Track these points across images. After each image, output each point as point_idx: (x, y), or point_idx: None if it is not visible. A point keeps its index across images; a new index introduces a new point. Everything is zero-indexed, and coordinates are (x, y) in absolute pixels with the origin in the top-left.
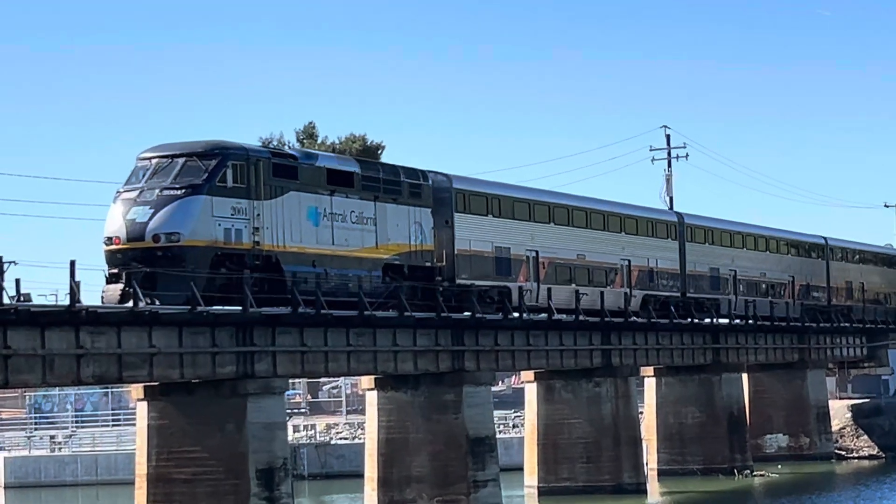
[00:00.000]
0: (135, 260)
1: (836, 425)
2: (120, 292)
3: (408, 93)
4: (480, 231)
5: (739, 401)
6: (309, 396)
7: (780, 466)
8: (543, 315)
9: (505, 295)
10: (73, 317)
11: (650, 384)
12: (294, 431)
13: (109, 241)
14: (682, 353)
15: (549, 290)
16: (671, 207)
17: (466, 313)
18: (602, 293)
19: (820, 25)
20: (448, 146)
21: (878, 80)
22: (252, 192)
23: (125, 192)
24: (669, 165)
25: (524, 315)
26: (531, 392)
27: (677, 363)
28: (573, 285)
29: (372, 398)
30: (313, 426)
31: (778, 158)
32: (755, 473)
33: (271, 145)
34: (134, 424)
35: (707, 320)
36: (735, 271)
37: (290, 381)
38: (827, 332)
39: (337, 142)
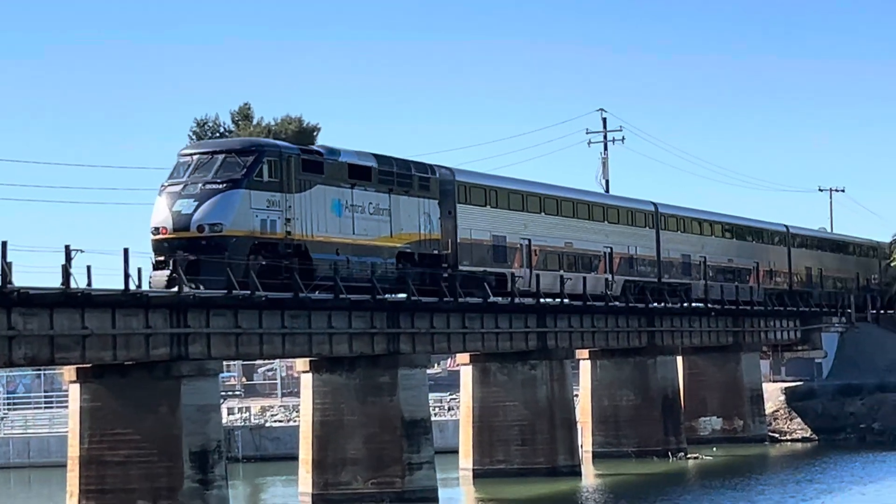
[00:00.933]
0: (180, 248)
1: (769, 408)
2: (167, 278)
3: (345, 75)
4: (480, 221)
5: (674, 383)
6: (244, 379)
7: (714, 449)
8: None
9: (501, 280)
10: (4, 298)
11: (585, 367)
12: (228, 414)
13: (156, 230)
14: (617, 336)
15: (537, 276)
16: (607, 190)
17: (471, 299)
18: (584, 279)
19: (756, 12)
20: (385, 128)
21: (811, 65)
22: (284, 186)
23: (169, 185)
24: (606, 149)
25: (515, 300)
26: (467, 375)
27: (612, 346)
28: (561, 271)
29: (307, 381)
30: (248, 409)
31: (713, 142)
32: (689, 456)
33: (206, 126)
34: (67, 407)
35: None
36: (705, 258)
37: (225, 363)
38: (761, 316)
39: (273, 123)
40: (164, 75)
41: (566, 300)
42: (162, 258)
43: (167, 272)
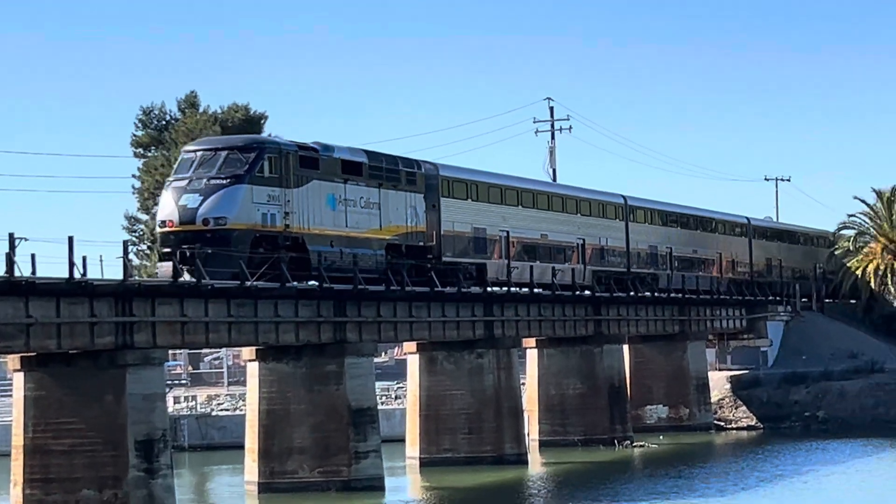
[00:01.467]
0: (186, 241)
1: (715, 396)
2: (172, 269)
3: (293, 63)
4: (462, 214)
5: (620, 372)
6: (190, 367)
7: (661, 437)
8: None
9: (481, 271)
10: None
11: (532, 355)
12: (174, 403)
13: (163, 223)
14: (563, 325)
15: (512, 267)
16: (554, 179)
17: (448, 288)
18: (554, 269)
19: (703, 1)
20: (333, 117)
21: (757, 55)
22: (283, 182)
23: (175, 181)
24: (553, 137)
25: (488, 288)
26: (413, 363)
27: (559, 335)
28: (537, 262)
29: (253, 369)
30: (194, 397)
31: (660, 132)
32: (635, 444)
33: (152, 114)
34: (10, 395)
35: (588, 292)
36: (671, 248)
37: (171, 351)
38: (707, 305)
39: (219, 111)
40: (110, 64)
41: (537, 289)
42: (168, 250)
43: (172, 263)
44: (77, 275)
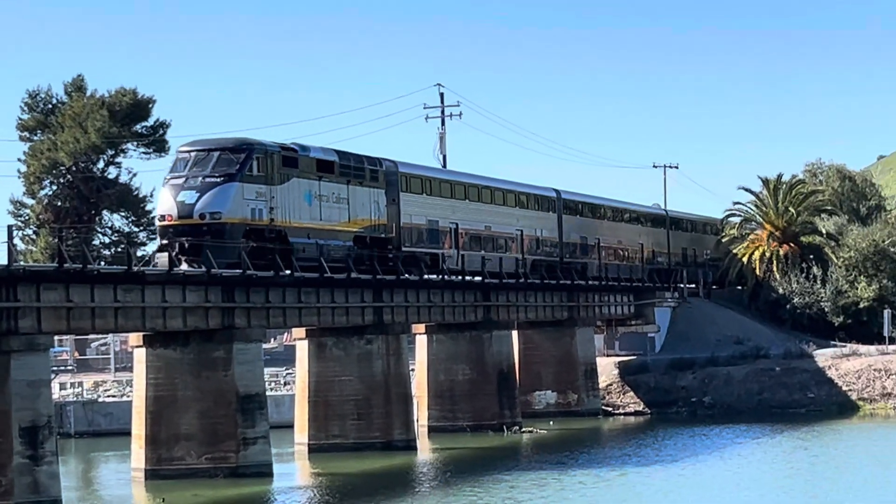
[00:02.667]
0: (184, 234)
1: (603, 382)
2: (170, 259)
3: (181, 48)
4: (418, 207)
5: (509, 358)
6: (76, 353)
7: (552, 423)
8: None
9: (435, 259)
10: None
11: (421, 341)
12: (60, 389)
13: (162, 217)
14: (453, 311)
15: (463, 256)
16: (444, 165)
17: (405, 276)
18: (501, 258)
19: None
20: (223, 101)
21: (647, 44)
22: (268, 179)
23: (172, 178)
24: (443, 124)
25: (444, 277)
26: (303, 349)
27: (448, 320)
28: (482, 252)
29: (140, 355)
30: (80, 384)
31: (551, 118)
32: (524, 430)
33: (38, 98)
34: None
35: (478, 278)
36: (599, 239)
37: (56, 337)
38: (595, 291)
39: (107, 95)
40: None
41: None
42: (166, 242)
43: (173, 253)
44: None
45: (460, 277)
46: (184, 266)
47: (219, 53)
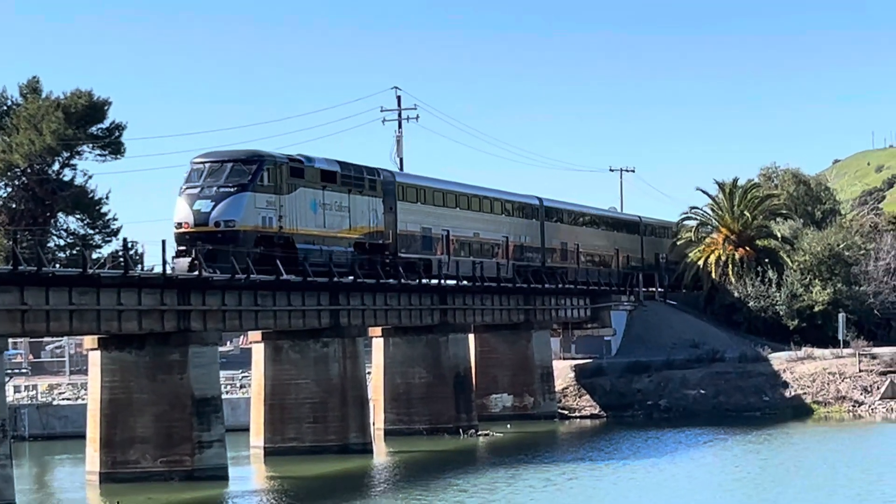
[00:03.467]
0: (199, 240)
1: (559, 385)
2: (188, 264)
3: (137, 50)
4: (413, 215)
5: (466, 361)
6: (31, 356)
7: (509, 426)
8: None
9: (428, 265)
10: None
11: (378, 344)
12: (14, 392)
13: (179, 225)
14: (409, 314)
15: (457, 262)
16: (401, 168)
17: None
18: (473, 262)
19: None
20: (177, 104)
21: (604, 49)
22: (277, 189)
23: (187, 189)
24: (400, 126)
25: (442, 282)
26: (258, 352)
27: (405, 323)
28: (471, 258)
29: (95, 358)
30: (35, 387)
31: (507, 122)
32: (480, 433)
33: None
34: None
35: (434, 281)
36: (578, 245)
37: (11, 340)
38: (551, 294)
39: (62, 97)
40: None
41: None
42: (183, 248)
43: (188, 259)
44: None
45: (417, 281)
46: (205, 272)
47: (176, 56)
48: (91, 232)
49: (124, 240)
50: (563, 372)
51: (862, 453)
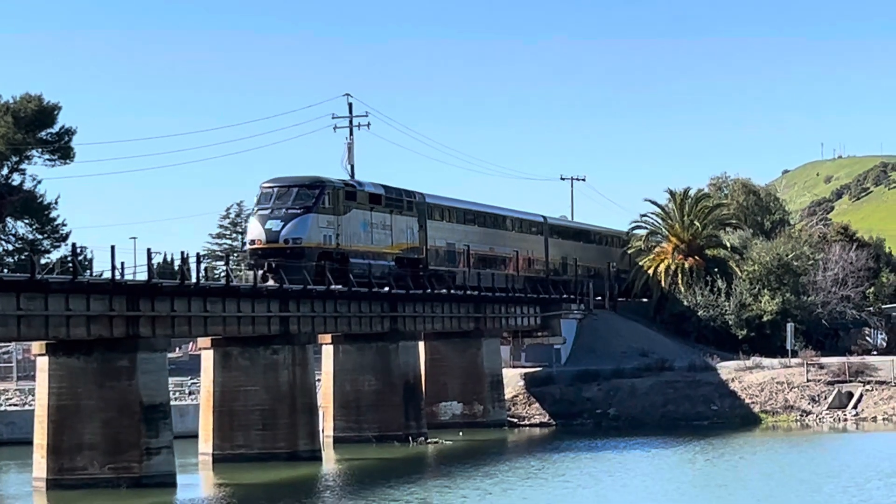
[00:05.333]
0: (270, 256)
1: (509, 393)
2: (261, 277)
3: (87, 55)
4: (440, 232)
5: (416, 369)
6: None
7: (461, 434)
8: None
9: (452, 277)
10: None
11: (328, 351)
12: None
13: (252, 242)
14: (359, 321)
15: (478, 274)
16: (352, 176)
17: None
18: (479, 273)
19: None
20: (127, 109)
21: (555, 58)
22: (335, 210)
23: (259, 210)
24: (351, 134)
25: (433, 290)
26: (208, 359)
27: (355, 331)
28: (487, 270)
29: (43, 364)
30: None
31: (459, 130)
32: (429, 441)
33: None
34: None
35: (386, 289)
36: (576, 259)
37: None
38: (502, 302)
39: (12, 101)
40: None
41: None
42: (254, 262)
43: (260, 272)
44: None
45: (368, 289)
46: (270, 283)
47: (126, 63)
48: (40, 237)
49: (73, 245)
50: (512, 380)
51: (804, 463)
